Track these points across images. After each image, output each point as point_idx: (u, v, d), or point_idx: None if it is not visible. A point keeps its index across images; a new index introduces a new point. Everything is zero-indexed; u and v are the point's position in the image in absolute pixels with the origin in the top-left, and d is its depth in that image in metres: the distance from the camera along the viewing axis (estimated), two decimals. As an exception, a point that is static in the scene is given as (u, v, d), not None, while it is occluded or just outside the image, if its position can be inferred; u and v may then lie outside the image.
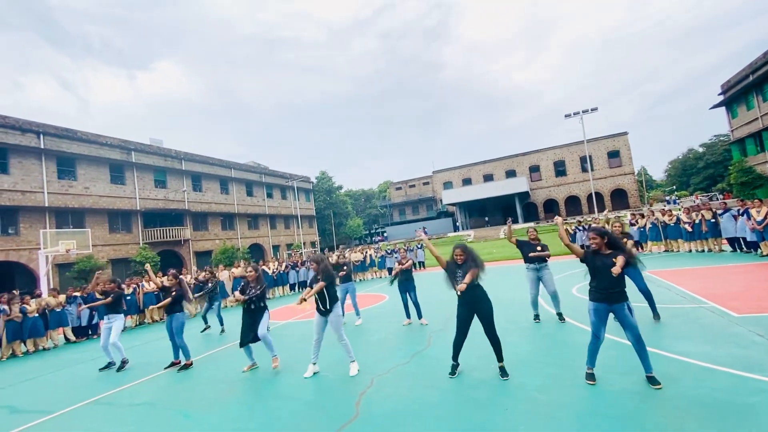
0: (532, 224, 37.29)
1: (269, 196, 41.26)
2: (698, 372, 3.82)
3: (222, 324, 9.39)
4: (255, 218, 38.47)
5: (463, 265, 4.46)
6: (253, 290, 5.76)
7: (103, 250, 24.46)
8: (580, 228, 17.53)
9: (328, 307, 5.16)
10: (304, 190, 47.95)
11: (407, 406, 3.88)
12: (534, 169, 50.18)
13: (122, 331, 7.13)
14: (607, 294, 3.74)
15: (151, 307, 12.84)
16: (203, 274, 12.14)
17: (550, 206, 49.10)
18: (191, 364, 6.52)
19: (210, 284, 9.83)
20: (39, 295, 10.68)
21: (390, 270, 18.36)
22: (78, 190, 24.14)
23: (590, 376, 3.88)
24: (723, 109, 34.10)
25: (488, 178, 52.24)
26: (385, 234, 52.11)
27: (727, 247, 12.14)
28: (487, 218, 51.03)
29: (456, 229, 50.41)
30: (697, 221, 12.64)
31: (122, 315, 7.15)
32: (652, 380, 3.64)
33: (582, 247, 4.19)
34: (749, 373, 3.62)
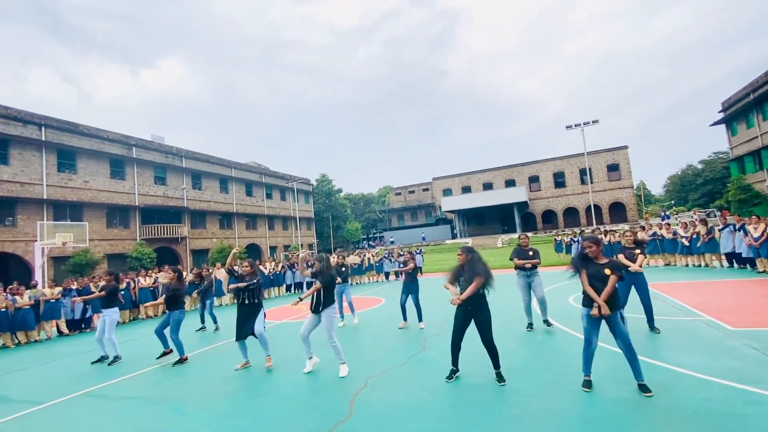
0: (529, 234, 37.24)
1: (268, 196, 41.24)
2: (693, 383, 3.81)
3: (216, 322, 9.35)
4: (253, 218, 38.41)
5: (465, 270, 4.38)
6: (250, 283, 5.74)
7: (99, 244, 24.35)
8: (576, 240, 17.55)
9: (321, 308, 5.13)
10: (304, 192, 47.96)
11: (401, 407, 3.86)
12: (533, 180, 50.34)
13: (116, 325, 7.08)
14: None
15: (146, 304, 12.77)
16: (192, 274, 12.13)
17: (549, 217, 49.19)
18: (186, 359, 6.48)
19: (202, 284, 9.78)
20: (35, 286, 10.61)
21: (387, 274, 18.35)
22: (77, 184, 24.09)
23: (587, 383, 3.87)
24: (723, 126, 34.37)
25: (488, 186, 52.36)
26: (392, 239, 51.73)
27: (725, 262, 12.17)
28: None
29: (454, 236, 50.41)
30: (694, 236, 12.71)
31: (117, 309, 7.11)
32: (643, 388, 3.64)
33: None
34: (744, 385, 3.62)
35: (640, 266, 5.52)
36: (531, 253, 6.40)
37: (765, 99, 27.29)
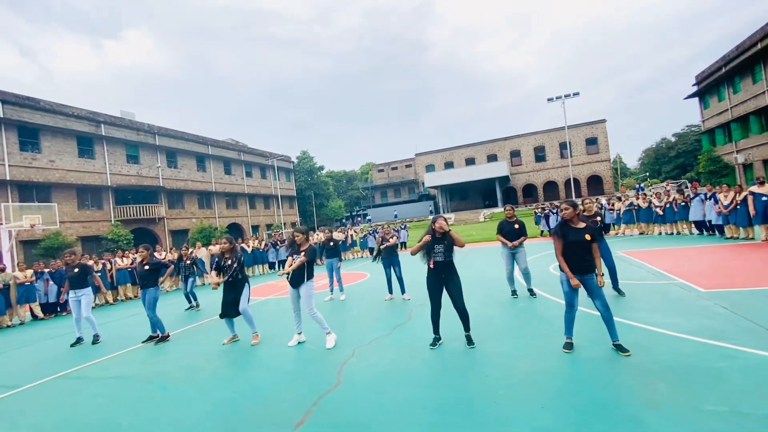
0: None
1: (248, 174, 40.26)
2: (668, 340, 3.97)
3: (195, 300, 9.28)
4: (234, 197, 37.56)
5: (443, 239, 4.45)
6: (230, 263, 5.62)
7: (72, 227, 23.41)
8: (554, 211, 17.89)
9: (301, 282, 5.07)
10: (285, 169, 47.02)
11: (388, 374, 3.90)
12: (515, 154, 50.72)
13: (93, 307, 6.87)
14: (578, 265, 3.87)
15: (123, 284, 12.44)
16: (172, 254, 11.83)
17: (530, 191, 49.98)
18: (168, 336, 6.37)
19: (183, 264, 9.58)
20: (2, 270, 10.14)
21: (371, 250, 18.39)
22: (42, 164, 22.83)
23: (568, 345, 3.98)
24: (696, 99, 35.11)
25: (470, 161, 52.52)
26: (368, 217, 51.89)
27: (694, 230, 12.67)
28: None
29: (437, 212, 50.76)
30: (668, 205, 13.16)
31: (89, 288, 6.87)
32: (619, 347, 3.78)
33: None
34: (716, 341, 3.79)
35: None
36: (517, 226, 6.46)
37: (736, 72, 27.86)
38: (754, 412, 2.58)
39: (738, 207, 10.31)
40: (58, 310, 11.04)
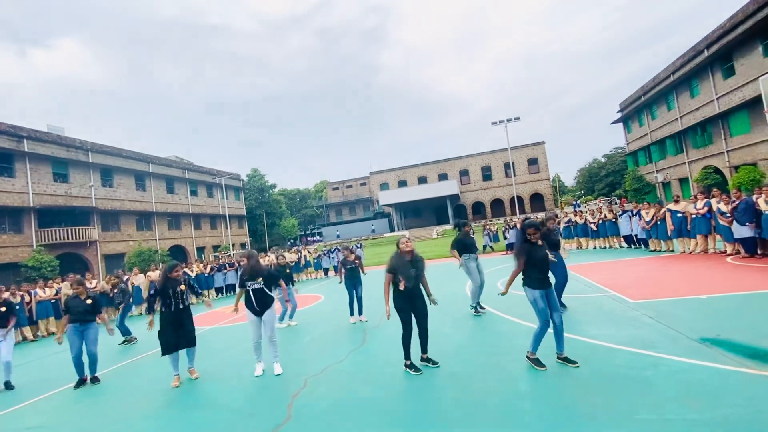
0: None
1: (193, 193, 38.23)
2: (604, 352, 4.26)
3: (126, 335, 8.42)
4: (176, 217, 35.36)
5: (416, 262, 4.45)
6: (179, 289, 5.21)
7: (-18, 253, 20.68)
8: (509, 226, 18.84)
9: (263, 309, 4.95)
10: (234, 188, 45.29)
11: (341, 403, 3.79)
12: (464, 173, 52.96)
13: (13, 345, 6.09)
14: (544, 281, 4.09)
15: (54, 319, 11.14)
16: (110, 281, 10.86)
17: (478, 208, 52.18)
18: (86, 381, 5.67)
19: (118, 291, 8.79)
20: None
21: (326, 270, 18.08)
22: (-52, 183, 20.15)
23: (537, 362, 4.03)
24: (621, 124, 39.08)
25: (422, 180, 54.00)
26: (337, 233, 51.04)
27: (624, 243, 13.88)
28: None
29: (392, 229, 51.28)
30: (600, 222, 14.36)
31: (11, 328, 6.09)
32: (566, 360, 3.99)
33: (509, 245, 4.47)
34: (644, 350, 4.13)
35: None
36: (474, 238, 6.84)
37: (654, 101, 31.54)
38: (679, 417, 2.82)
39: (658, 223, 11.48)
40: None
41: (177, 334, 5.09)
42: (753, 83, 20.45)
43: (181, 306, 5.17)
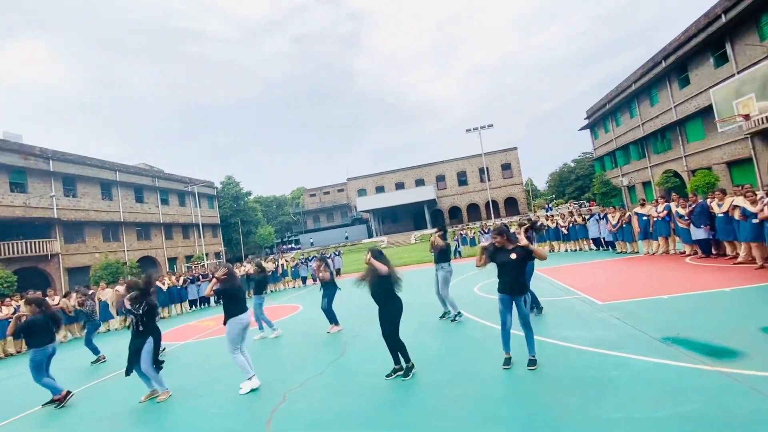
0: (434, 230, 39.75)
1: (164, 202, 36.97)
2: (575, 353, 4.44)
3: (97, 353, 8.03)
4: (146, 227, 34.07)
5: (369, 272, 4.54)
6: (135, 308, 5.04)
7: (-70, 270, 19.24)
8: (484, 231, 19.26)
9: (226, 319, 4.90)
10: (207, 196, 44.12)
11: (322, 417, 3.77)
12: (440, 179, 53.74)
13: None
14: (510, 286, 4.22)
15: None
16: (77, 296, 10.34)
17: (455, 213, 53.00)
18: (65, 396, 5.39)
19: (86, 307, 8.38)
20: None
21: (304, 279, 17.84)
22: None
23: (507, 361, 4.28)
24: (588, 131, 40.77)
25: (399, 186, 54.37)
26: (311, 240, 50.46)
27: (592, 246, 14.46)
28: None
29: (370, 235, 51.27)
30: (570, 225, 14.91)
31: None
32: (531, 362, 4.17)
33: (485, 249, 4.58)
34: (610, 351, 4.32)
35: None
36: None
37: (618, 109, 33.12)
38: (643, 416, 2.97)
39: (624, 225, 12.03)
40: None
41: (130, 355, 5.03)
42: (706, 93, 21.88)
43: (141, 328, 5.05)
